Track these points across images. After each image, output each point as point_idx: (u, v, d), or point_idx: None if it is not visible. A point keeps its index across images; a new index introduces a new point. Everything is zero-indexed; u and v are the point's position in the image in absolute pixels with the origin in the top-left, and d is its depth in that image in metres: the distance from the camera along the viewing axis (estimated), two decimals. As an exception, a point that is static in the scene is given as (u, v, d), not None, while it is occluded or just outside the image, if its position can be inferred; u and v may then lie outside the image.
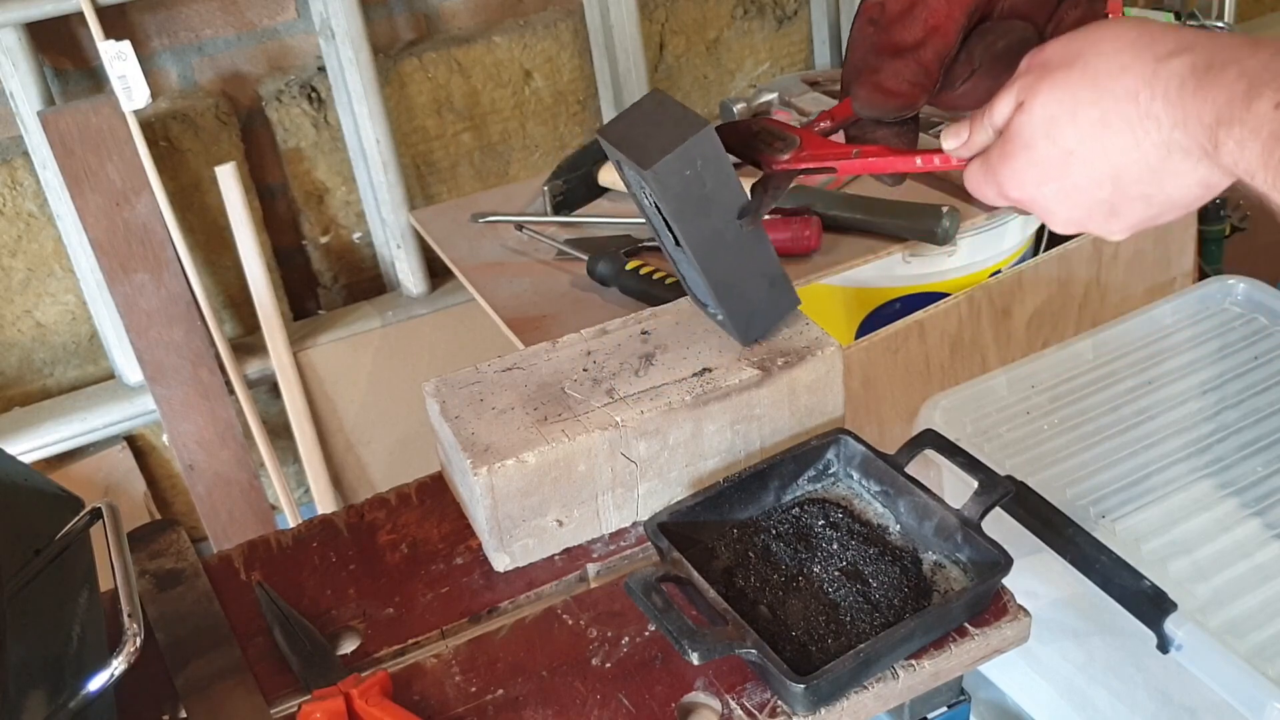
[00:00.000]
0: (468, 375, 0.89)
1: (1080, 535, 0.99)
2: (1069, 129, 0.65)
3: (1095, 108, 0.64)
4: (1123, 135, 0.64)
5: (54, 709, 0.66)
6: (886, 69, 0.75)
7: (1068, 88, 0.65)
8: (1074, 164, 0.66)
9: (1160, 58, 0.62)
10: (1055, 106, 0.66)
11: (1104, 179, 0.66)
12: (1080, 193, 0.67)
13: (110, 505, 0.78)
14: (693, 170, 0.79)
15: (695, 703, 0.74)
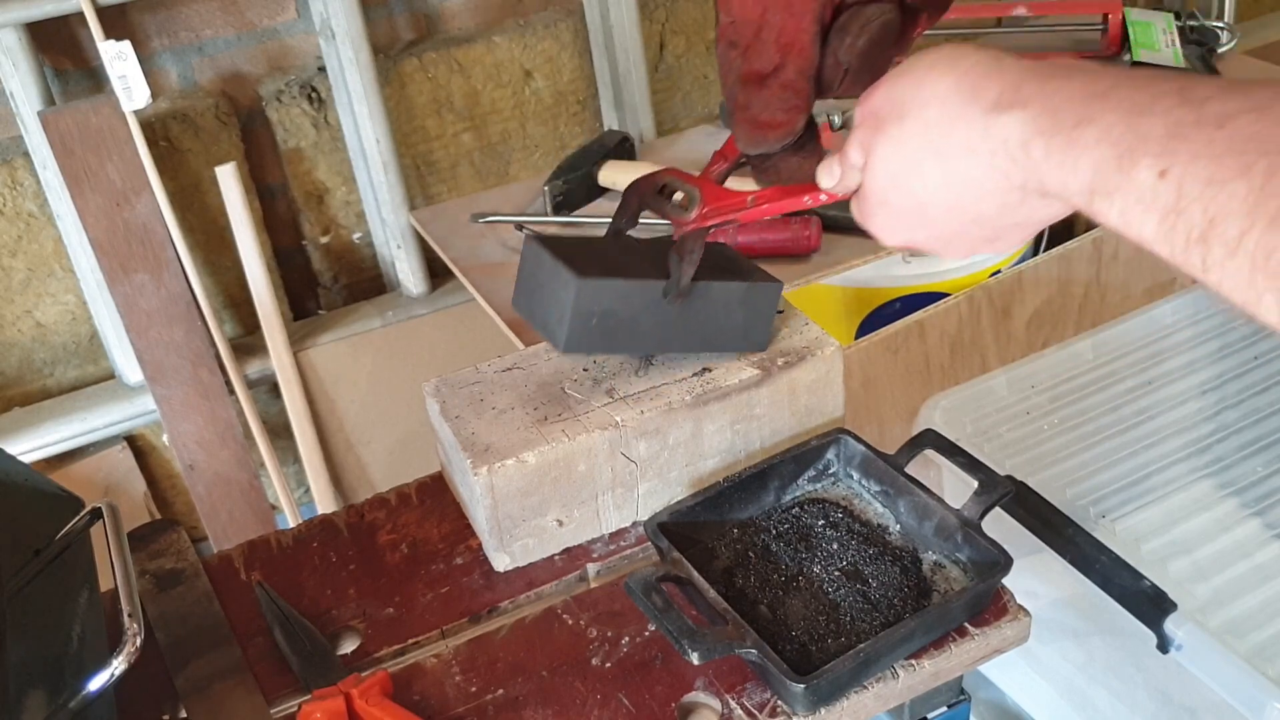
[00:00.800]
0: (468, 375, 0.89)
1: (1080, 535, 0.99)
2: (916, 183, 0.64)
3: (936, 164, 0.62)
4: (971, 187, 0.62)
5: (54, 709, 0.66)
6: (756, 102, 0.73)
7: (903, 143, 0.63)
8: (933, 212, 0.64)
9: (988, 110, 0.59)
10: (897, 164, 0.64)
11: (968, 221, 0.64)
12: (952, 234, 0.66)
13: (110, 505, 0.78)
14: (595, 312, 0.79)
15: (695, 703, 0.74)
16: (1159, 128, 0.50)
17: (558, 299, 0.79)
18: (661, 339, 0.84)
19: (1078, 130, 0.54)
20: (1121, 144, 0.51)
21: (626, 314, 0.80)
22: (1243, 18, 2.34)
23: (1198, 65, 1.76)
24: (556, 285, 0.79)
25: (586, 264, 0.79)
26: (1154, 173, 0.49)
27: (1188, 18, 1.86)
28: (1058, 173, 0.55)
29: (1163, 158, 0.49)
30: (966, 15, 2.10)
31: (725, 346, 0.87)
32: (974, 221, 0.63)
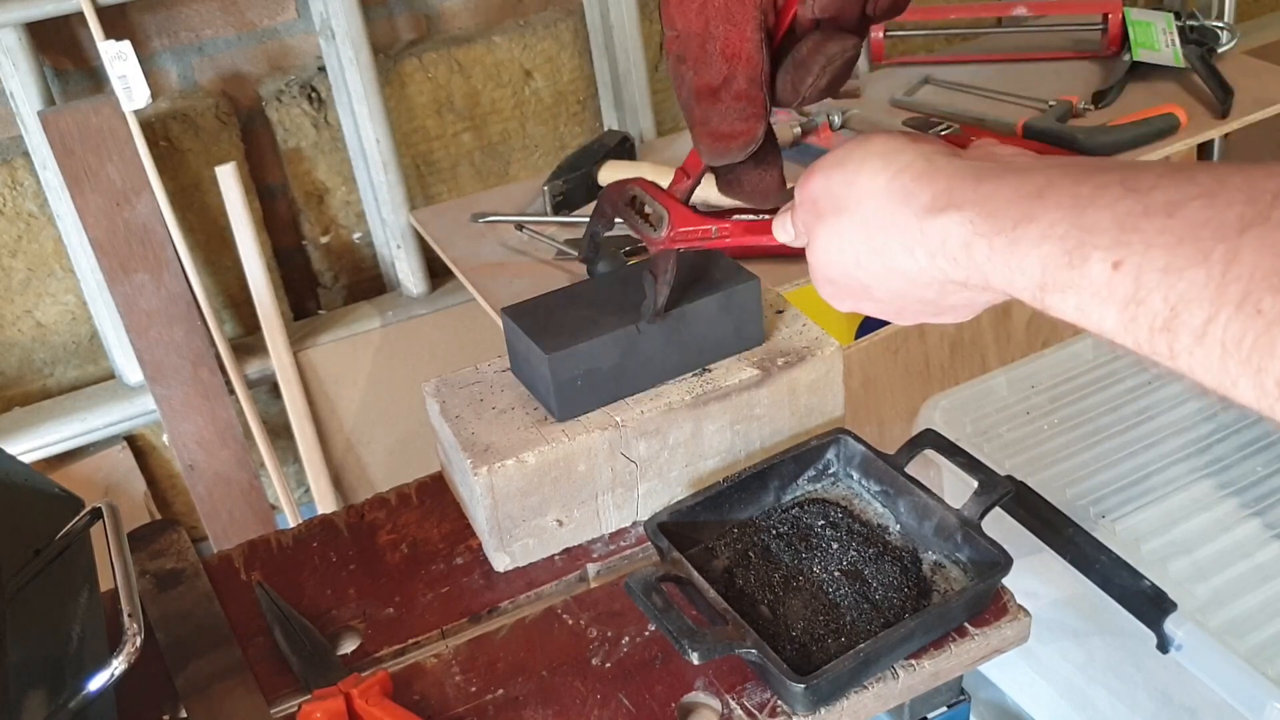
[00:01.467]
0: (468, 375, 0.89)
1: (1080, 535, 0.99)
2: (856, 270, 0.64)
3: (876, 257, 0.62)
4: (913, 279, 0.61)
5: (54, 709, 0.66)
6: (713, 115, 0.72)
7: (841, 235, 0.63)
8: (877, 294, 0.65)
9: (922, 213, 0.58)
10: (837, 252, 0.64)
11: (913, 300, 0.64)
12: (899, 310, 0.66)
13: (110, 505, 0.78)
14: (577, 376, 0.82)
15: (695, 703, 0.74)
16: (1106, 219, 0.49)
17: (539, 373, 0.83)
18: (657, 371, 0.85)
19: (1019, 230, 0.53)
20: (1069, 239, 0.50)
21: (609, 365, 0.83)
22: (1243, 18, 2.34)
23: (1198, 65, 1.76)
24: (534, 360, 0.83)
25: (555, 334, 0.82)
26: (1107, 265, 0.48)
27: (1188, 18, 1.86)
28: (1003, 272, 0.54)
29: (1115, 249, 0.48)
30: (966, 15, 2.10)
31: (723, 353, 0.87)
32: (919, 301, 0.63)
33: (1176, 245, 0.46)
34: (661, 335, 0.84)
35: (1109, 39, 1.88)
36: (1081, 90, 1.79)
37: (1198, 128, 1.65)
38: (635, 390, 0.85)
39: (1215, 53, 1.82)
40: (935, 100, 1.83)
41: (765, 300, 0.91)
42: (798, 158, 1.71)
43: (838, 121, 1.73)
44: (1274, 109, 1.69)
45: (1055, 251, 0.51)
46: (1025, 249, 0.52)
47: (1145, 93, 1.76)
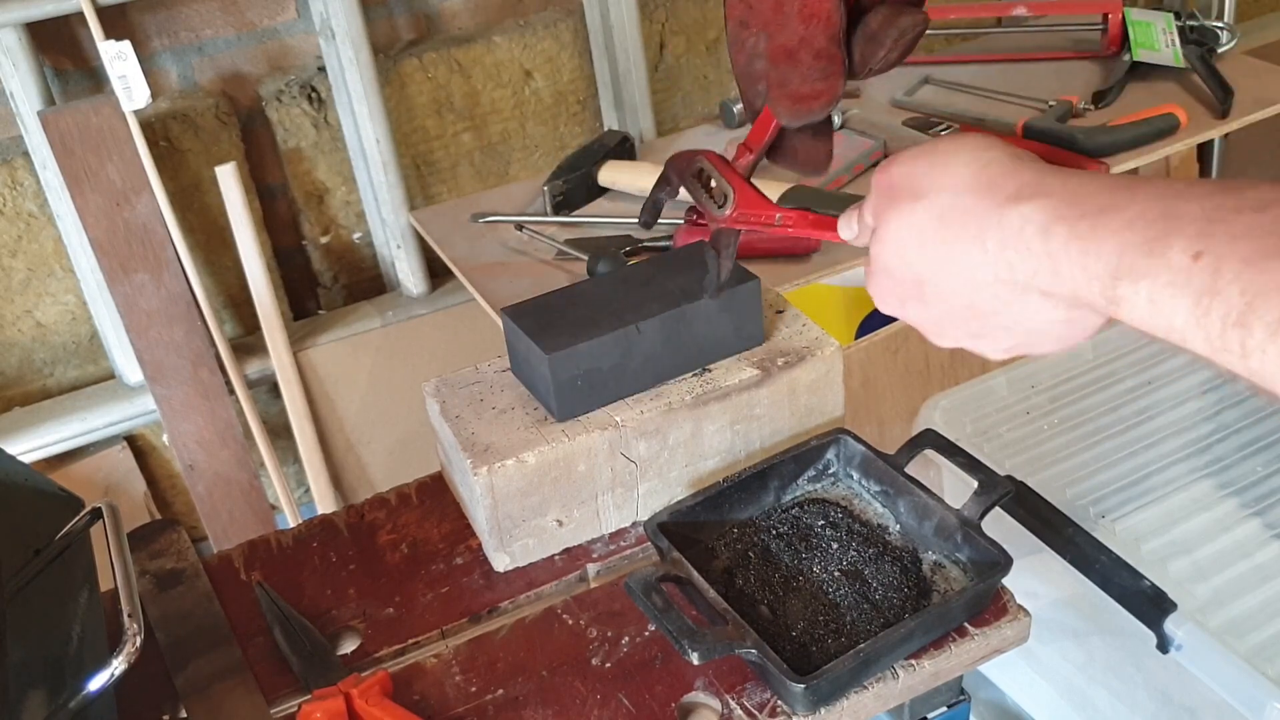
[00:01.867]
0: (468, 375, 0.89)
1: (1080, 535, 0.99)
2: (918, 259, 0.63)
3: (942, 245, 0.61)
4: (970, 275, 0.60)
5: (54, 709, 0.66)
6: (792, 76, 0.72)
7: (914, 220, 0.62)
8: (928, 291, 0.63)
9: (1005, 202, 0.57)
10: (905, 235, 0.63)
11: (960, 307, 0.62)
12: (942, 316, 0.65)
13: (110, 505, 0.78)
14: (577, 376, 0.82)
15: (695, 703, 0.74)
16: (1194, 210, 0.48)
17: (539, 373, 0.83)
18: (657, 372, 0.85)
19: (1103, 216, 0.52)
20: (1152, 228, 0.49)
21: (609, 365, 0.83)
22: (1243, 18, 2.34)
23: (1198, 65, 1.76)
24: (534, 360, 0.83)
25: (555, 334, 0.82)
26: (1188, 255, 0.47)
27: (1188, 18, 1.86)
28: (1078, 259, 0.53)
29: (1198, 240, 0.47)
30: (966, 15, 2.10)
31: (723, 353, 0.87)
32: (966, 308, 0.62)
33: (1263, 238, 0.45)
34: (661, 335, 0.84)
35: (1109, 39, 1.88)
36: (1081, 90, 1.79)
37: (1198, 128, 1.65)
38: (635, 390, 0.85)
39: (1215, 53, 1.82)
40: (935, 100, 1.83)
41: (765, 300, 0.91)
42: (798, 158, 1.70)
43: (838, 121, 1.73)
44: (1274, 109, 1.69)
45: (1136, 239, 0.50)
46: (1105, 235, 0.51)
47: (1145, 93, 1.76)
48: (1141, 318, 0.51)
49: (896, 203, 0.64)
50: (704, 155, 0.80)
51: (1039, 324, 0.60)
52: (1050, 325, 0.60)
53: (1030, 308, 0.59)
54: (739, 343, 0.88)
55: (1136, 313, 0.51)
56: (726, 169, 0.78)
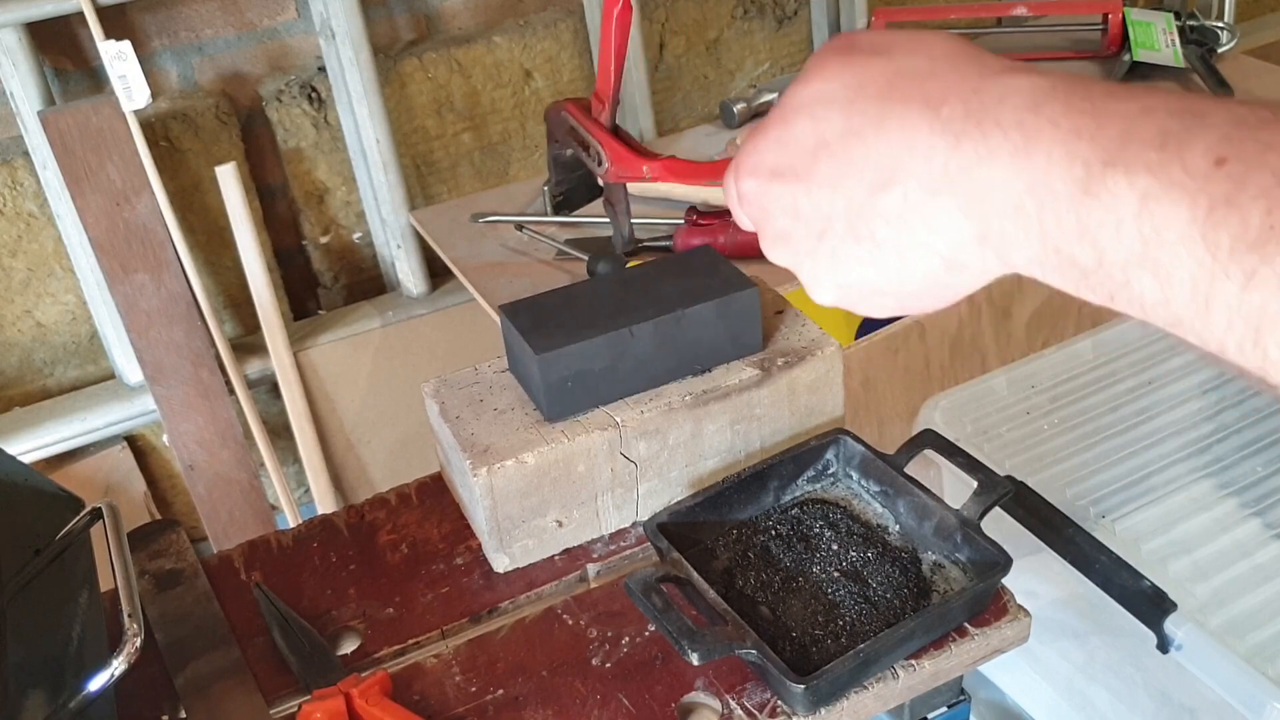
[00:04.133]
0: (467, 375, 0.89)
1: (1080, 535, 0.99)
2: (837, 115, 0.49)
3: (879, 102, 0.48)
4: (896, 150, 0.47)
5: (54, 709, 0.66)
6: None
7: (859, 71, 0.49)
8: (821, 166, 0.50)
9: (988, 72, 0.46)
10: (836, 84, 0.50)
11: (841, 194, 0.49)
12: (808, 203, 0.51)
13: (110, 505, 0.78)
14: (567, 377, 0.82)
15: (695, 703, 0.74)
16: (1221, 113, 0.40)
17: (531, 372, 0.83)
18: (650, 376, 0.85)
19: (1113, 100, 0.42)
20: (1172, 121, 0.40)
21: (601, 367, 0.83)
22: (1243, 18, 2.34)
23: (1198, 65, 1.76)
24: (526, 359, 0.83)
25: (547, 334, 0.82)
26: (1209, 158, 0.38)
27: (1188, 18, 1.86)
28: (1065, 138, 0.42)
29: (1222, 144, 0.38)
30: (966, 15, 2.10)
31: (720, 360, 0.87)
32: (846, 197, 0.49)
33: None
34: (655, 339, 0.83)
35: (1109, 39, 1.88)
36: (1081, 90, 1.78)
37: (1198, 128, 1.65)
38: (628, 393, 0.85)
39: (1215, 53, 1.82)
40: (935, 100, 1.83)
41: (765, 299, 0.91)
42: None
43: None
44: (1274, 109, 1.69)
45: (1147, 131, 0.40)
46: (1110, 119, 0.42)
47: (1145, 93, 1.75)
48: (1115, 221, 0.40)
49: (850, 54, 0.51)
50: (566, 108, 0.78)
51: (917, 254, 0.48)
52: (929, 259, 0.48)
53: (926, 229, 0.47)
54: (736, 350, 0.87)
55: (1113, 214, 0.40)
56: (590, 123, 0.77)
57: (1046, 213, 0.43)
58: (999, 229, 0.45)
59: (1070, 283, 0.44)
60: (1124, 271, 0.41)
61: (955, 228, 0.46)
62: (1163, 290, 0.40)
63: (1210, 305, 0.39)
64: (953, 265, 0.48)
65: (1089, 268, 0.42)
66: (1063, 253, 0.43)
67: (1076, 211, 0.42)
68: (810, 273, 0.53)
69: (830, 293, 0.53)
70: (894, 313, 0.53)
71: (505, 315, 0.86)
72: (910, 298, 0.51)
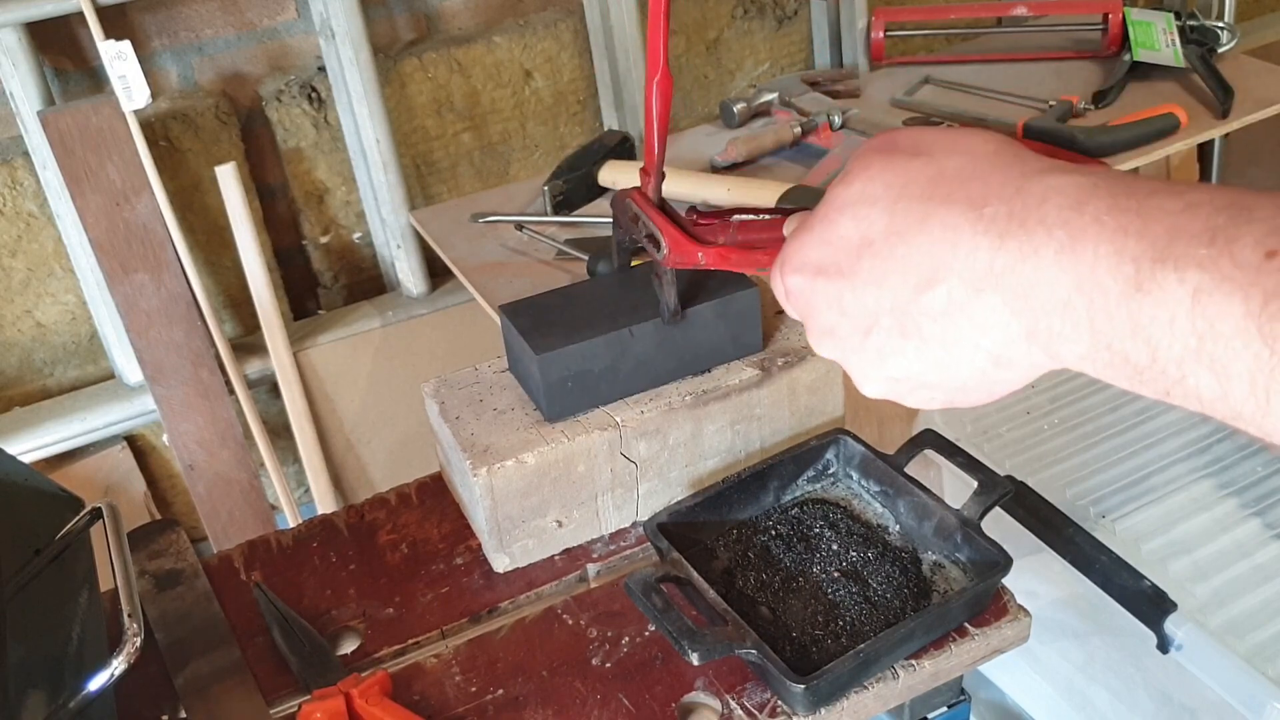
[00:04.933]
0: (467, 376, 0.89)
1: (1080, 535, 0.99)
2: (880, 215, 0.50)
3: (922, 203, 0.48)
4: (939, 249, 0.47)
5: (54, 709, 0.66)
6: None
7: (901, 171, 0.50)
8: (864, 264, 0.50)
9: (1030, 173, 0.46)
10: (879, 185, 0.51)
11: (887, 292, 0.50)
12: (854, 301, 0.52)
13: (110, 505, 0.78)
14: (567, 377, 0.82)
15: (695, 703, 0.74)
16: (1267, 206, 0.39)
17: (531, 372, 0.83)
18: (651, 376, 0.85)
19: (1155, 197, 0.42)
20: (1218, 216, 0.40)
21: (601, 367, 0.83)
22: (1243, 18, 2.34)
23: (1198, 65, 1.76)
24: (526, 359, 0.83)
25: (547, 334, 0.82)
26: (1260, 251, 0.38)
27: (1188, 18, 1.86)
28: (1111, 236, 0.42)
29: (1272, 238, 0.38)
30: (966, 15, 2.10)
31: (720, 360, 0.87)
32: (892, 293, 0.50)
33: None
34: (655, 340, 0.83)
35: (1109, 39, 1.88)
36: (1081, 90, 1.79)
37: (1198, 128, 1.65)
38: (629, 393, 0.85)
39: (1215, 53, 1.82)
40: (935, 100, 1.83)
41: (765, 300, 0.91)
42: (797, 158, 1.71)
43: (838, 121, 1.73)
44: (1274, 109, 1.69)
45: (1194, 226, 0.40)
46: (1156, 215, 0.41)
47: (1145, 93, 1.76)
48: (1168, 317, 0.40)
49: (891, 155, 0.52)
50: (631, 197, 0.80)
51: (964, 350, 0.49)
52: (975, 355, 0.49)
53: (972, 326, 0.48)
54: (736, 350, 0.87)
55: (1165, 310, 0.40)
56: (649, 209, 0.78)
57: (1096, 310, 0.43)
58: (1047, 326, 0.45)
59: (1124, 379, 0.44)
60: (1179, 368, 0.41)
61: (1002, 325, 0.47)
62: (1220, 385, 0.40)
63: (1270, 398, 0.39)
64: (1000, 361, 0.48)
65: (1143, 364, 0.43)
66: (1115, 349, 0.43)
67: (1128, 308, 0.42)
68: (858, 367, 0.54)
69: (879, 385, 0.54)
70: (942, 405, 0.54)
71: (505, 315, 0.86)
72: (958, 392, 0.52)
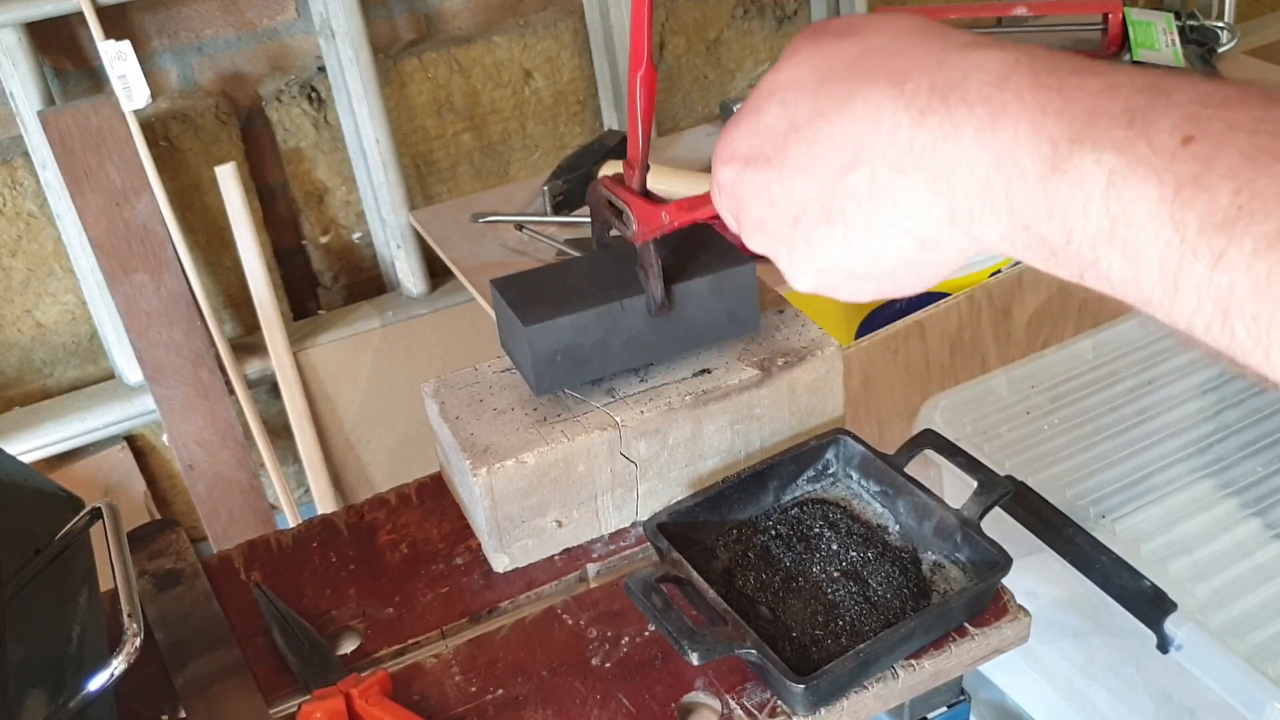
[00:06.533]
0: (467, 375, 0.89)
1: (1080, 535, 0.99)
2: (806, 99, 0.49)
3: (846, 82, 0.48)
4: (863, 126, 0.47)
5: (54, 709, 0.66)
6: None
7: (827, 53, 0.50)
8: (791, 149, 0.50)
9: (954, 48, 0.46)
10: (805, 69, 0.50)
11: (813, 178, 0.49)
12: (782, 189, 0.51)
13: (110, 505, 0.78)
14: (557, 350, 0.81)
15: (695, 703, 0.74)
16: (1187, 90, 0.39)
17: (520, 345, 0.82)
18: (643, 352, 0.84)
19: (1078, 75, 0.42)
20: (1138, 99, 0.39)
21: (591, 342, 0.82)
22: (1243, 18, 2.34)
23: (1198, 65, 1.76)
24: (516, 332, 0.82)
25: (536, 306, 0.81)
26: (1176, 136, 0.38)
27: (1188, 18, 1.86)
28: (1031, 113, 0.41)
29: (1189, 123, 0.38)
30: (967, 15, 2.10)
31: (716, 338, 0.86)
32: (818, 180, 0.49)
33: (1271, 136, 0.36)
34: (648, 314, 0.82)
35: (1109, 39, 1.88)
36: (1081, 90, 1.78)
37: (1198, 128, 1.65)
38: (620, 369, 0.84)
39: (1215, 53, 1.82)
40: (935, 100, 1.83)
41: (765, 299, 0.91)
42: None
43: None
44: (1274, 109, 1.69)
45: (1114, 107, 0.40)
46: (1076, 95, 0.41)
47: (1145, 93, 1.76)
48: (1084, 199, 0.40)
49: (819, 38, 0.51)
50: (602, 184, 0.80)
51: (888, 231, 0.48)
52: (901, 237, 0.48)
53: (896, 208, 0.47)
54: (733, 328, 0.86)
55: (1081, 192, 0.40)
56: (618, 188, 0.78)
57: (1014, 190, 0.42)
58: (967, 207, 0.45)
59: (1040, 260, 0.44)
60: (1093, 250, 0.41)
61: (924, 206, 0.46)
62: (1131, 269, 0.40)
63: (1179, 285, 0.38)
64: (926, 244, 0.48)
65: (1058, 245, 0.42)
66: (1032, 230, 0.43)
67: (1044, 189, 0.41)
68: (788, 259, 0.54)
69: (809, 279, 0.54)
70: (874, 296, 0.53)
71: (496, 288, 0.85)
72: (888, 279, 0.51)
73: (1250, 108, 0.38)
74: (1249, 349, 0.37)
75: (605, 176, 0.80)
